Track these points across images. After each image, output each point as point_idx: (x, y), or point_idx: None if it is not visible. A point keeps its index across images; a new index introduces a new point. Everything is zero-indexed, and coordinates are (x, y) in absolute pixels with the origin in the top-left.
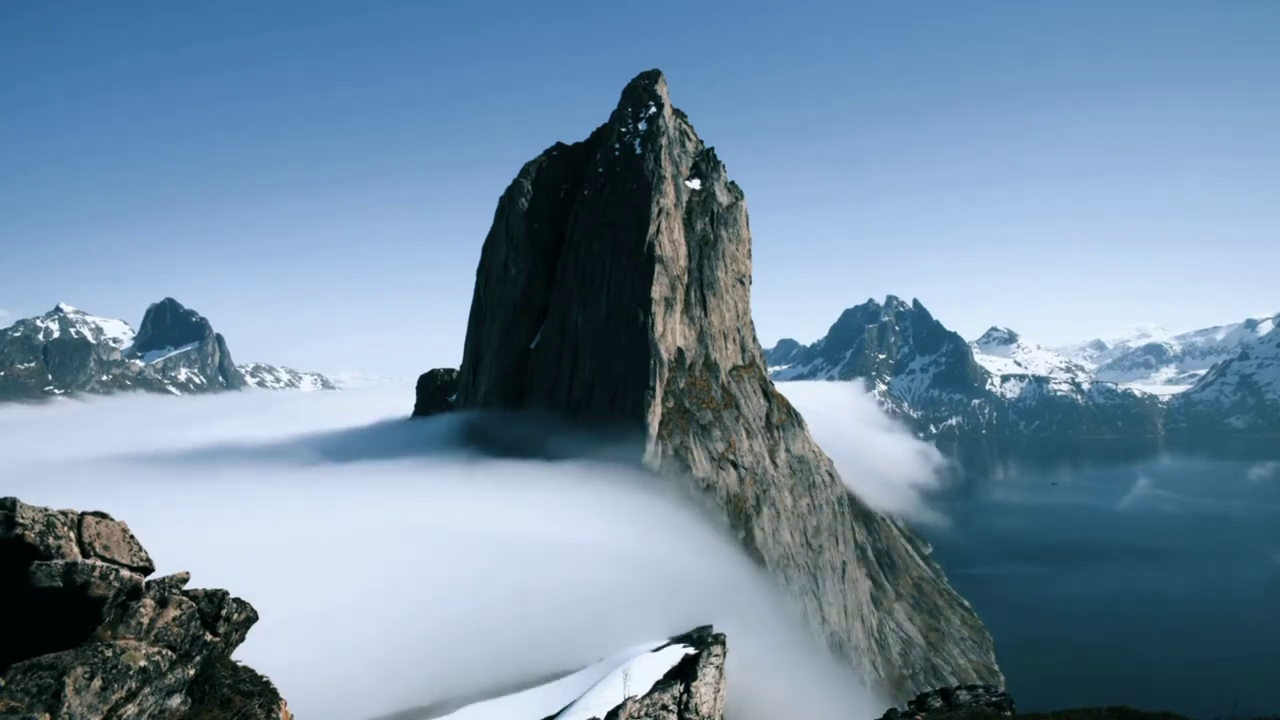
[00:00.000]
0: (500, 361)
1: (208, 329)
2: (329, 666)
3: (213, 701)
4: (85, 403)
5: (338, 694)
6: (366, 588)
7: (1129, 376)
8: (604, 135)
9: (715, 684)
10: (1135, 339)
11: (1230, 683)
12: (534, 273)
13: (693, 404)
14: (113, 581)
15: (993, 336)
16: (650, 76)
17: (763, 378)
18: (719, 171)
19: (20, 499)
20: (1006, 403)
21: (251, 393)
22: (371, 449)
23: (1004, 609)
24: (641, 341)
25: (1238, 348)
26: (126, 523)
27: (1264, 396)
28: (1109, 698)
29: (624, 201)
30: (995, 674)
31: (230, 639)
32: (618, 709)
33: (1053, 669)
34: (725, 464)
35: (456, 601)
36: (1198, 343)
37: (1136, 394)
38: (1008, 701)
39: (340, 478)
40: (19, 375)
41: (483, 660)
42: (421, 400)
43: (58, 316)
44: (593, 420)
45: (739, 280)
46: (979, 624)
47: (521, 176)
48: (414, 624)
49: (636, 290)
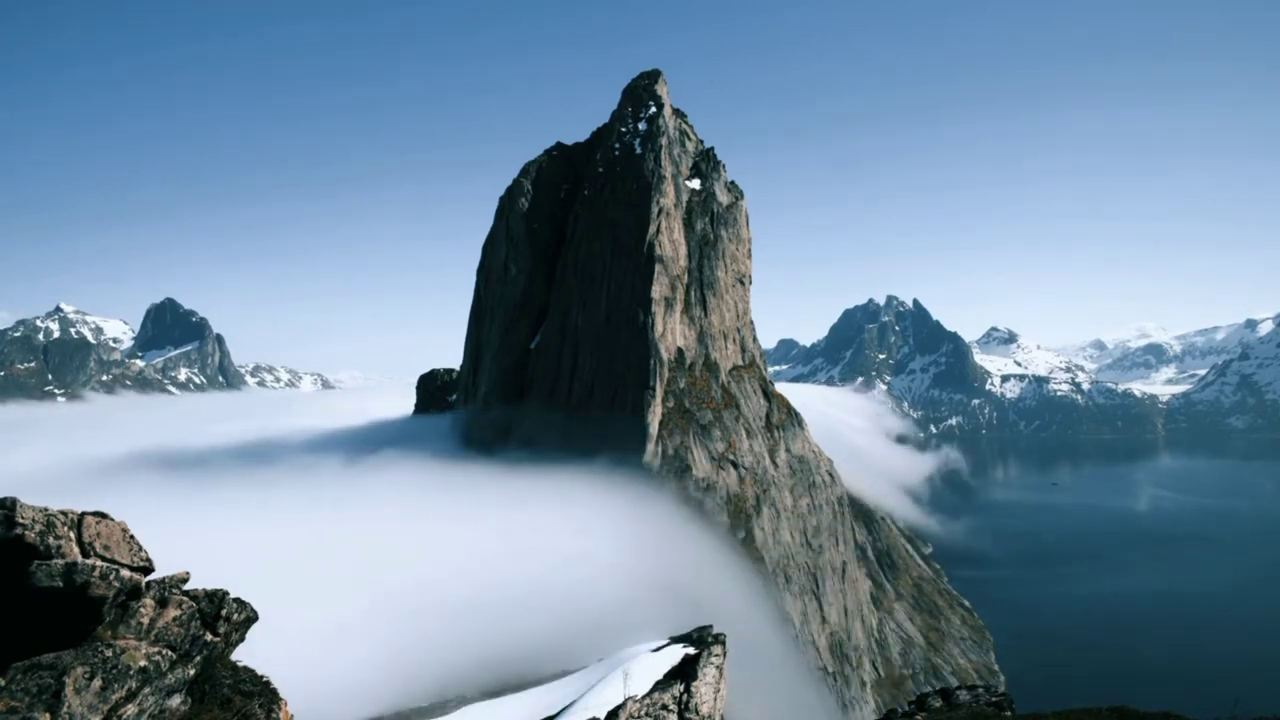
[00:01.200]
0: (500, 361)
1: (208, 329)
2: (329, 666)
3: (213, 701)
4: (88, 402)
5: (338, 694)
6: (366, 588)
7: (1129, 376)
8: (604, 135)
9: (715, 684)
10: (1135, 339)
11: (1230, 683)
12: (534, 273)
13: (693, 404)
14: (113, 581)
15: (993, 336)
16: (650, 76)
17: (763, 378)
18: (719, 171)
19: (20, 499)
20: (1006, 403)
21: (251, 393)
22: (371, 450)
23: (1004, 609)
24: (641, 341)
25: (1238, 348)
26: (126, 523)
27: (1264, 396)
28: (1109, 698)
29: (624, 201)
30: (995, 674)
31: (230, 639)
32: (618, 709)
33: (1053, 669)
34: (725, 464)
35: (456, 601)
36: (1198, 343)
37: (1136, 394)
38: (1008, 701)
39: (341, 479)
40: (19, 375)
41: (482, 660)
42: (421, 400)
43: (58, 316)
44: (593, 420)
45: (739, 280)
46: (979, 624)
47: (522, 176)
48: (414, 624)
49: (636, 290)
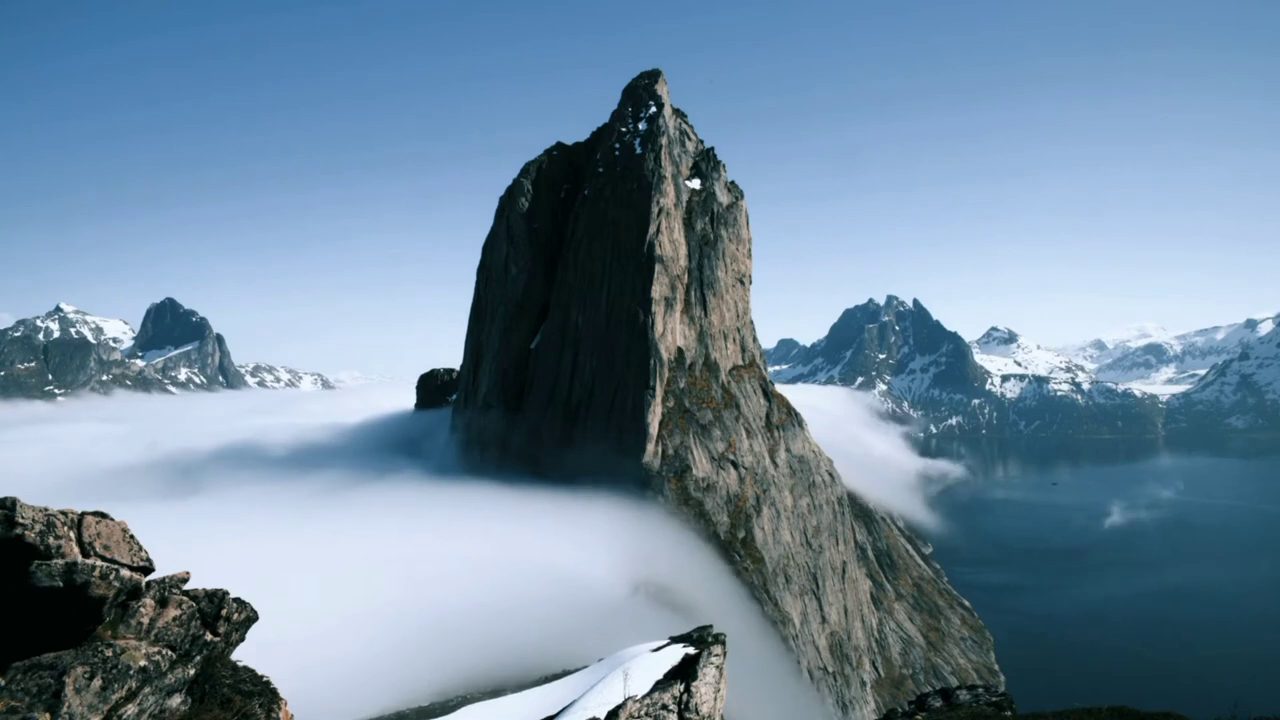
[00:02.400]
0: (500, 361)
1: (208, 329)
2: (329, 667)
3: (213, 701)
4: (85, 402)
5: (338, 694)
6: (367, 589)
7: (1129, 376)
8: (604, 135)
9: (715, 684)
10: (1135, 339)
11: (1230, 683)
12: (534, 272)
13: (693, 404)
14: (113, 581)
15: (993, 336)
16: (650, 76)
17: (763, 377)
18: (719, 171)
19: (20, 499)
20: (1006, 402)
21: (251, 393)
22: (371, 451)
23: (1004, 609)
24: (641, 341)
25: (1238, 348)
26: (126, 522)
27: (1264, 396)
28: (1109, 698)
29: (624, 201)
30: (995, 674)
31: (230, 639)
32: (618, 709)
33: (1053, 669)
34: (725, 464)
35: (456, 602)
36: (1198, 343)
37: (1136, 394)
38: (1008, 701)
39: (341, 480)
40: (19, 375)
41: (483, 660)
42: (421, 400)
43: (58, 316)
44: (593, 420)
45: (739, 280)
46: (979, 624)
47: (522, 176)
48: (414, 624)
49: (636, 290)
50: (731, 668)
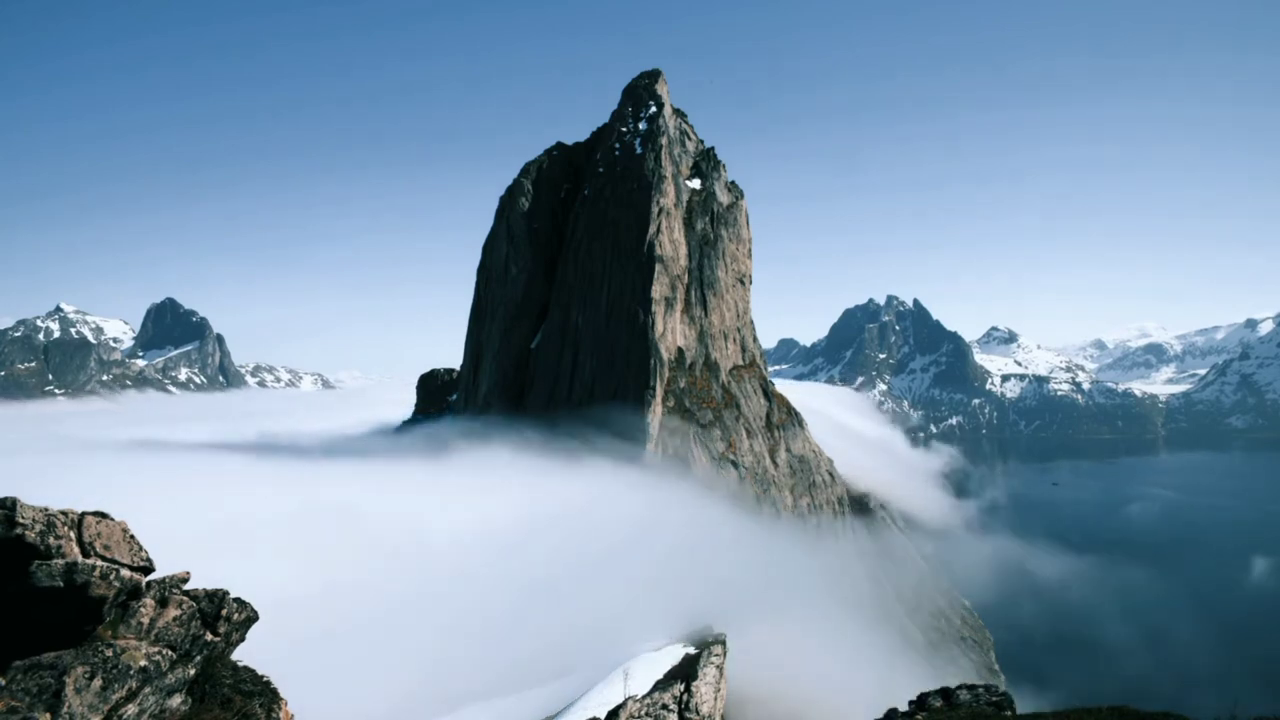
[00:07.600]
0: (500, 361)
1: (208, 329)
2: (329, 667)
3: (213, 701)
4: (83, 402)
5: (338, 694)
6: (366, 589)
7: (1129, 376)
8: (604, 135)
9: (715, 684)
10: (1135, 339)
11: (1230, 683)
12: (534, 272)
13: (693, 404)
14: (113, 581)
15: (993, 336)
16: (651, 76)
17: (763, 377)
18: (719, 171)
19: (20, 499)
20: (1007, 402)
21: (252, 392)
22: (371, 451)
23: (1004, 609)
24: (642, 341)
25: (1238, 347)
26: (127, 522)
27: (1264, 396)
28: (1109, 698)
29: (624, 201)
30: (995, 674)
31: (231, 639)
32: (618, 709)
33: (1053, 669)
34: (725, 464)
35: (456, 601)
36: (1198, 342)
37: (1137, 394)
38: (1008, 701)
39: (341, 480)
40: (19, 375)
41: (483, 660)
42: (421, 400)
43: (58, 316)
44: (593, 420)
45: (739, 280)
46: (979, 624)
47: (522, 176)
48: (414, 624)
49: (637, 290)
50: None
